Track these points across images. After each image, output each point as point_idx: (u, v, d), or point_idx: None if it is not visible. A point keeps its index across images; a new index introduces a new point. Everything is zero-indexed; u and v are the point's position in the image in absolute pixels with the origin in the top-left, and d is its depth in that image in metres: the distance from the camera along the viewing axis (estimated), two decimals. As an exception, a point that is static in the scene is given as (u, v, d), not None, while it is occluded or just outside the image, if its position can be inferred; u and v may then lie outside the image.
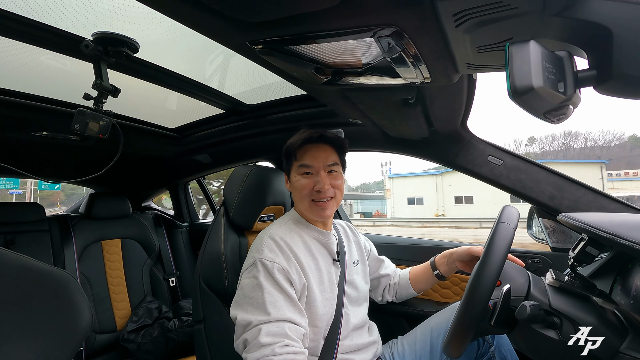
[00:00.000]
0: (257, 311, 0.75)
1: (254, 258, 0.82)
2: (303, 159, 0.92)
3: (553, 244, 1.13)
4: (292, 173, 0.95)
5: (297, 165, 0.93)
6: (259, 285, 0.78)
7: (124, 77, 1.02)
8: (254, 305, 0.76)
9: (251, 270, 0.81)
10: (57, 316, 0.45)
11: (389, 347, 1.04)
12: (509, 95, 0.42)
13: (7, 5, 0.72)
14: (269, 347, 0.70)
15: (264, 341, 0.71)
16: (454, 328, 0.64)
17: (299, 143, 0.93)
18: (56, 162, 1.72)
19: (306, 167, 0.91)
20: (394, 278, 1.15)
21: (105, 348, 1.62)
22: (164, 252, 1.97)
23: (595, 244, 0.67)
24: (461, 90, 0.85)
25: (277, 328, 0.73)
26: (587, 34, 0.46)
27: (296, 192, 0.94)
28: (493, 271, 0.61)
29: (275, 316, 0.74)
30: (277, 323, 0.73)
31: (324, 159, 0.92)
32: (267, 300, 0.76)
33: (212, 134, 1.55)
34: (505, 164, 1.13)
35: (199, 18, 0.56)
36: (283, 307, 0.76)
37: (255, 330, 0.73)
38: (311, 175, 0.92)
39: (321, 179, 0.90)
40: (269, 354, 0.69)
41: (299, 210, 0.96)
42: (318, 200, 0.90)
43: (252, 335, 0.73)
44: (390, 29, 0.53)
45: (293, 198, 0.98)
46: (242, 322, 0.76)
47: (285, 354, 0.70)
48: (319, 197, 0.90)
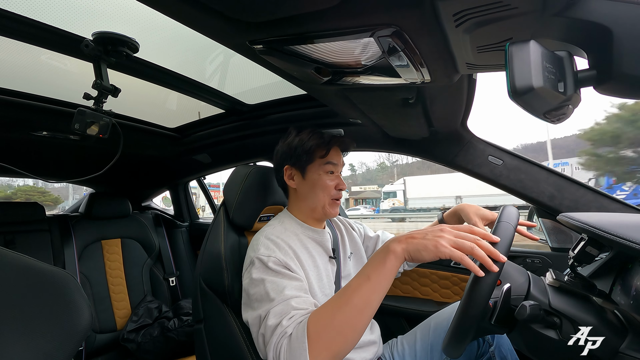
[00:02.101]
0: (262, 304, 0.74)
1: (251, 257, 0.83)
2: (331, 158, 0.94)
3: (553, 244, 1.13)
4: (311, 170, 0.94)
5: (324, 163, 0.94)
6: (258, 280, 0.78)
7: (124, 76, 1.02)
8: (258, 299, 0.76)
9: (249, 269, 0.81)
10: (57, 316, 0.45)
11: (389, 346, 1.04)
12: (509, 95, 0.42)
13: (7, 5, 0.73)
14: (278, 326, 0.68)
15: (271, 323, 0.69)
16: (453, 328, 0.64)
17: (326, 141, 0.94)
18: (56, 162, 1.72)
19: (333, 165, 0.94)
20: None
21: (105, 348, 1.63)
22: (164, 252, 1.97)
23: (595, 244, 0.67)
24: (461, 90, 0.85)
25: (282, 307, 0.71)
26: (587, 34, 0.46)
27: (316, 189, 0.93)
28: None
29: (279, 299, 0.72)
30: (281, 304, 0.72)
31: (342, 161, 0.98)
32: (269, 289, 0.75)
33: (212, 133, 1.55)
34: (505, 164, 1.14)
35: (199, 18, 0.56)
36: (286, 288, 0.74)
37: (263, 323, 0.71)
38: (334, 175, 0.95)
39: (342, 180, 0.96)
40: (280, 332, 0.67)
41: (310, 208, 0.95)
42: (336, 198, 0.95)
43: (264, 326, 0.71)
44: (390, 29, 0.53)
45: (303, 195, 0.96)
46: (253, 321, 0.75)
47: (294, 322, 0.68)
48: (338, 196, 0.95)
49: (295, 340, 0.64)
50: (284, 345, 0.65)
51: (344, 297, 0.63)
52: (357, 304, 0.61)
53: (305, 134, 0.96)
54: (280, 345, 0.66)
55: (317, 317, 0.65)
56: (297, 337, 0.64)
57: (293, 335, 0.65)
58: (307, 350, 0.61)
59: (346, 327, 0.61)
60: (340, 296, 0.64)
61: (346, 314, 0.61)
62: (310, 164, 0.94)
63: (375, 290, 0.61)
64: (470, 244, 0.59)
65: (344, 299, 0.63)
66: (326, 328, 0.62)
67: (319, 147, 0.94)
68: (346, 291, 0.64)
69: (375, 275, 0.62)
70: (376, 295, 0.62)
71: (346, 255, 1.04)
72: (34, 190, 23.29)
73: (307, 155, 0.94)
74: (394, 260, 0.62)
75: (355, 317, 0.61)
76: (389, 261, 0.62)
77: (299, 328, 0.65)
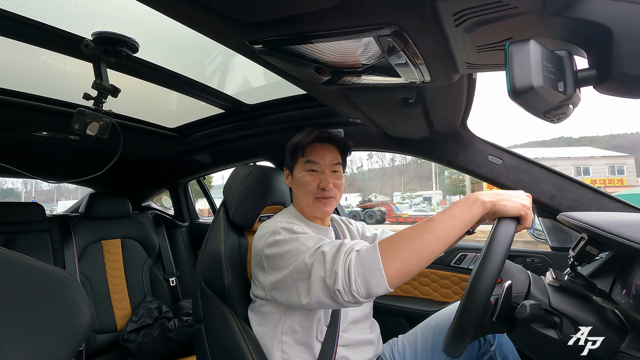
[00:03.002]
0: (302, 254, 0.73)
1: (270, 230, 0.82)
2: (310, 155, 0.93)
3: (553, 244, 1.14)
4: (296, 169, 0.96)
5: (304, 161, 0.94)
6: (291, 239, 0.77)
7: (124, 77, 1.02)
8: (294, 254, 0.74)
9: (273, 238, 0.80)
10: (57, 316, 0.45)
11: (389, 346, 1.04)
12: (509, 95, 0.42)
13: (7, 5, 0.72)
14: (341, 246, 0.69)
15: (329, 249, 0.69)
16: (454, 327, 0.64)
17: (308, 140, 0.93)
18: (56, 162, 1.72)
19: (312, 163, 0.93)
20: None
21: (106, 348, 1.63)
22: (164, 252, 1.97)
23: (595, 243, 0.67)
24: (461, 90, 0.85)
25: (331, 243, 0.72)
26: (587, 33, 0.46)
27: (299, 188, 0.94)
28: (494, 269, 0.61)
29: (322, 242, 0.73)
30: (327, 243, 0.73)
31: (330, 158, 0.94)
32: (307, 239, 0.75)
33: (212, 133, 1.55)
34: (505, 163, 1.14)
35: (199, 18, 0.56)
36: (323, 238, 0.76)
37: (319, 255, 0.70)
38: (316, 173, 0.93)
39: (326, 178, 0.92)
40: (346, 249, 0.68)
41: (299, 206, 0.97)
42: (321, 197, 0.93)
43: (319, 256, 0.69)
44: (390, 29, 0.53)
45: (294, 194, 0.99)
46: (297, 268, 0.72)
47: (357, 243, 0.70)
48: (322, 195, 0.92)
49: (365, 253, 0.66)
50: (354, 259, 0.66)
51: (426, 226, 0.67)
52: (439, 234, 0.66)
53: (299, 134, 0.97)
54: (349, 259, 0.66)
55: (390, 239, 0.68)
56: (367, 251, 0.67)
57: (362, 250, 0.67)
58: (380, 260, 0.64)
59: (423, 250, 0.65)
60: (421, 225, 0.68)
61: (426, 240, 0.65)
62: (295, 163, 0.96)
63: (456, 227, 0.66)
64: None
65: (427, 228, 0.67)
66: (404, 246, 0.66)
67: (298, 145, 0.95)
68: (428, 223, 0.67)
69: (461, 216, 0.67)
70: (456, 232, 0.67)
71: None
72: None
73: (292, 155, 0.97)
74: (481, 208, 0.67)
75: (433, 243, 0.65)
76: (476, 208, 0.67)
77: (368, 246, 0.68)
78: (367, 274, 0.63)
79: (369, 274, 0.63)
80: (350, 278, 0.64)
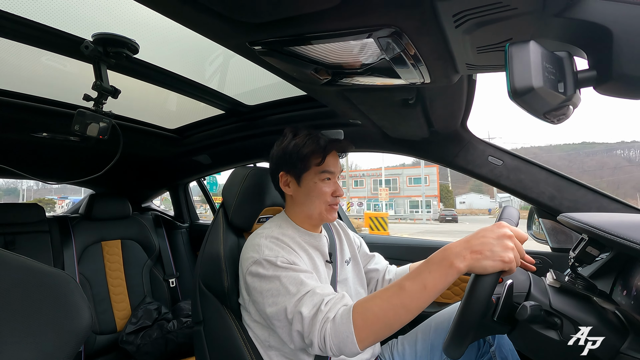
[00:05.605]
0: (282, 298, 0.75)
1: (254, 258, 0.82)
2: (328, 165, 0.91)
3: (553, 244, 1.13)
4: (307, 177, 0.92)
5: (320, 171, 0.91)
6: (272, 277, 0.78)
7: (124, 78, 1.02)
8: (275, 294, 0.76)
9: (255, 268, 0.81)
10: (57, 317, 0.45)
11: (388, 347, 1.04)
12: (509, 96, 0.42)
13: (7, 6, 0.72)
14: (317, 313, 0.71)
15: (307, 313, 0.71)
16: (454, 328, 0.64)
17: (322, 147, 0.90)
18: (56, 163, 1.72)
19: (329, 172, 0.92)
20: (388, 274, 1.11)
21: (105, 349, 1.62)
22: (164, 253, 1.97)
23: (596, 244, 0.67)
24: (461, 90, 0.85)
25: (311, 297, 0.74)
26: (587, 34, 0.46)
27: (312, 196, 0.92)
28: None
29: (303, 290, 0.75)
30: (307, 294, 0.74)
31: (339, 166, 0.96)
32: (287, 283, 0.76)
33: (212, 134, 1.55)
34: (505, 164, 1.14)
35: (199, 19, 0.56)
36: (304, 280, 0.77)
37: (297, 315, 0.72)
38: (331, 181, 0.93)
39: (339, 186, 0.95)
40: (321, 318, 0.70)
41: (307, 214, 0.94)
42: (333, 204, 0.94)
43: (298, 319, 0.72)
44: (389, 30, 0.53)
45: (299, 202, 0.94)
46: (277, 316, 0.75)
47: (332, 307, 0.71)
48: (335, 201, 0.94)
49: (340, 323, 0.68)
50: (329, 329, 0.69)
51: (398, 298, 0.66)
52: (411, 308, 0.65)
53: (300, 137, 0.92)
54: (325, 329, 0.69)
55: (363, 309, 0.69)
56: (341, 320, 0.68)
57: (337, 318, 0.69)
58: (354, 333, 0.67)
59: (395, 323, 0.66)
60: (394, 297, 0.67)
61: (398, 314, 0.66)
62: (305, 172, 0.91)
63: (429, 298, 0.65)
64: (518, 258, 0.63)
65: (399, 301, 0.66)
66: (376, 321, 0.67)
67: (314, 154, 0.90)
68: (400, 294, 0.67)
69: (433, 287, 0.64)
70: (428, 302, 0.65)
71: (343, 259, 1.03)
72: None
73: (302, 163, 0.91)
74: (455, 275, 0.64)
75: (405, 316, 0.66)
76: (451, 276, 0.64)
77: (342, 312, 0.70)
78: (341, 345, 0.68)
79: (343, 345, 0.68)
80: (325, 345, 0.69)
